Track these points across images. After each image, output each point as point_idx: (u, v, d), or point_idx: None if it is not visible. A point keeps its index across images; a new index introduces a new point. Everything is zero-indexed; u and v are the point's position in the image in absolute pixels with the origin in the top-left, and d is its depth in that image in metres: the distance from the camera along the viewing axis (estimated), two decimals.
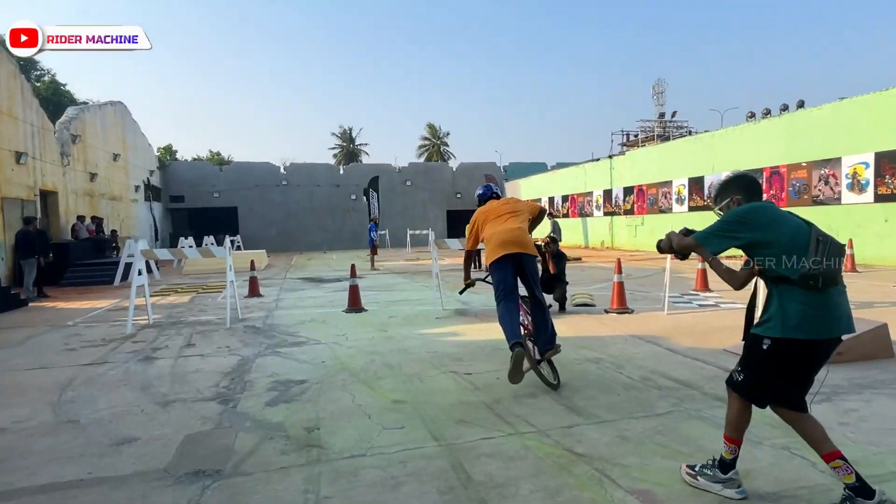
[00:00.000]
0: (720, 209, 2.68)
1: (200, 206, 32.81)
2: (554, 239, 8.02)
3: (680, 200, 20.41)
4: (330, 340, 6.40)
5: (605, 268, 15.15)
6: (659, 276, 12.04)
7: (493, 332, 6.69)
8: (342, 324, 7.52)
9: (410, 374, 4.85)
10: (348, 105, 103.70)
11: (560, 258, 7.97)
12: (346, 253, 28.58)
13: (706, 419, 3.59)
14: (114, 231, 20.11)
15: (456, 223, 34.11)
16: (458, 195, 36.38)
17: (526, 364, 4.11)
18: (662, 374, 4.64)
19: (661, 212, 21.43)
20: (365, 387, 4.54)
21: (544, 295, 7.95)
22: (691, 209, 19.73)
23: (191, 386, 4.70)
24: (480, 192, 5.06)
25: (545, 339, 4.29)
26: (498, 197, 5.00)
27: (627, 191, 23.77)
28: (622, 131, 42.81)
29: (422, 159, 59.53)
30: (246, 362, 5.49)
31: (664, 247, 2.79)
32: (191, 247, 18.41)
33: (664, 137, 38.41)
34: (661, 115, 44.52)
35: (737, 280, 2.69)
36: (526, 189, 34.06)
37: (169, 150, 49.30)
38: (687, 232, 2.73)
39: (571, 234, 27.89)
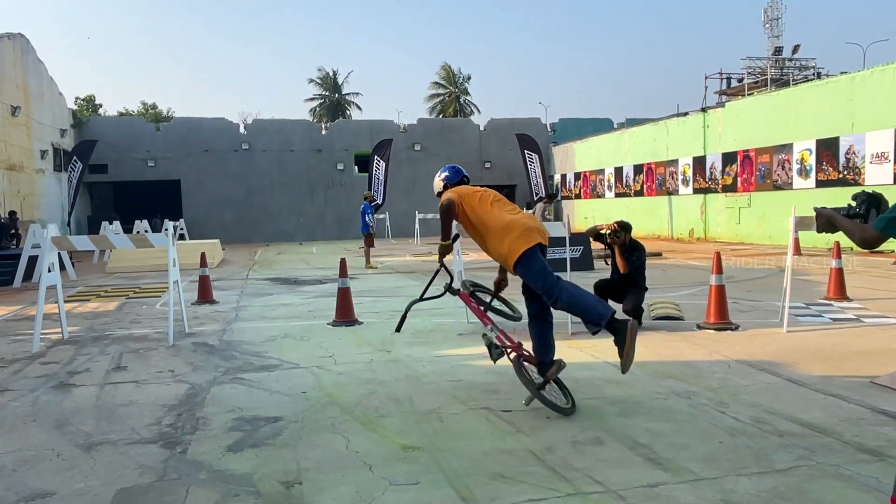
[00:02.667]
0: None
1: (129, 180, 33.28)
2: (625, 226, 7.96)
3: (804, 172, 20.15)
4: (312, 364, 6.48)
5: (696, 266, 15.04)
6: (774, 279, 11.92)
7: None
8: (328, 341, 7.60)
9: (426, 411, 4.91)
10: (331, 38, 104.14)
11: (636, 252, 7.91)
12: (329, 245, 28.79)
13: (847, 478, 3.57)
14: (12, 213, 20.50)
15: None
16: (487, 164, 36.35)
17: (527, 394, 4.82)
18: (783, 415, 4.63)
19: (777, 188, 21.19)
20: (362, 427, 4.59)
21: (610, 303, 8.04)
22: (820, 184, 19.47)
23: (123, 423, 4.79)
24: (448, 173, 5.33)
25: (547, 354, 4.96)
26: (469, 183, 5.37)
27: (728, 158, 23.54)
28: (720, 74, 42.33)
29: (434, 114, 59.65)
30: (197, 392, 5.59)
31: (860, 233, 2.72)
32: (117, 234, 18.70)
33: (781, 82, 37.93)
34: (777, 50, 44.00)
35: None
36: (582, 156, 33.94)
37: (91, 103, 50.10)
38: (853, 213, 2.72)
39: (648, 219, 27.73)
